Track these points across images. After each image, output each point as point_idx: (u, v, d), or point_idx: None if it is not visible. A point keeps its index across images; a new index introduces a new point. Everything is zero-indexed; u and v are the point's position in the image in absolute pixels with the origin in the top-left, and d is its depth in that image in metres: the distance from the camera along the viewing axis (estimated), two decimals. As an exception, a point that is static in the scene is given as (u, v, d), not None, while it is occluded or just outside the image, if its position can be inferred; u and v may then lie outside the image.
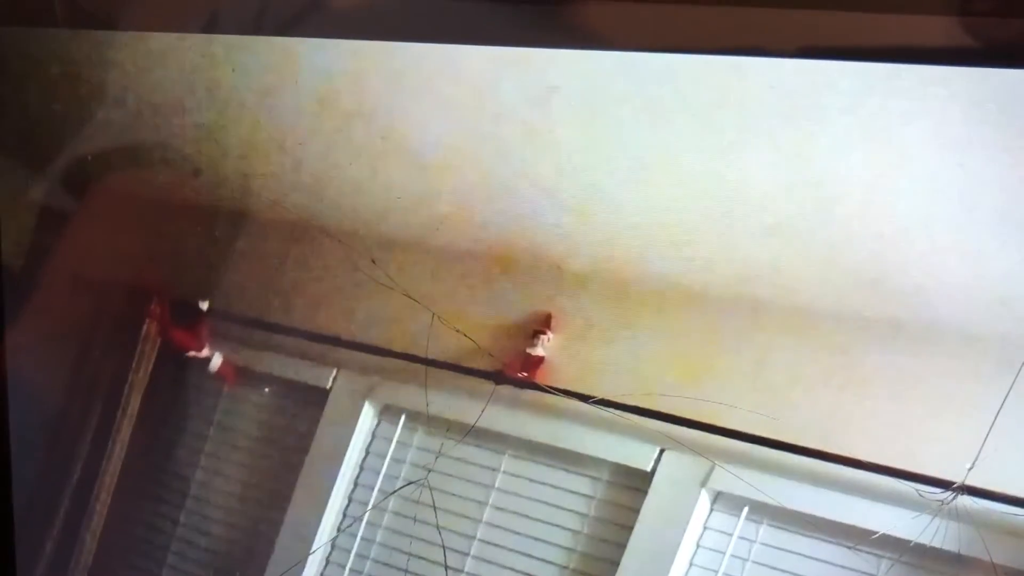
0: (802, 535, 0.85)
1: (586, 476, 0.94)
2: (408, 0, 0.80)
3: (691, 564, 0.89)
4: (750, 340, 0.87)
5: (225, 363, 1.11)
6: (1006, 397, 0.74)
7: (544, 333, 0.94)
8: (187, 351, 1.11)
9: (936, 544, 0.77)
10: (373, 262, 0.99)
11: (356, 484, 1.05)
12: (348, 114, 0.98)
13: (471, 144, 0.93)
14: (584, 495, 0.94)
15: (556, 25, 0.78)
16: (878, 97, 0.74)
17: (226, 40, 0.99)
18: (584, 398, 0.90)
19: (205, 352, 1.11)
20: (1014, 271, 0.75)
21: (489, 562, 0.97)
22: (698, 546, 0.89)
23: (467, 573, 0.98)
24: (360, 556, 1.04)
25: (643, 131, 0.84)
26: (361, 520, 1.04)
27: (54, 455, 1.15)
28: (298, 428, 1.08)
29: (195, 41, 1.00)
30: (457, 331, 0.95)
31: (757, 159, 0.81)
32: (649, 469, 0.90)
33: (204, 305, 1.10)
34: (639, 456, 0.91)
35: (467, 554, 0.98)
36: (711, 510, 0.89)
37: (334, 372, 1.06)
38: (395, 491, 1.02)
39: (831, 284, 0.83)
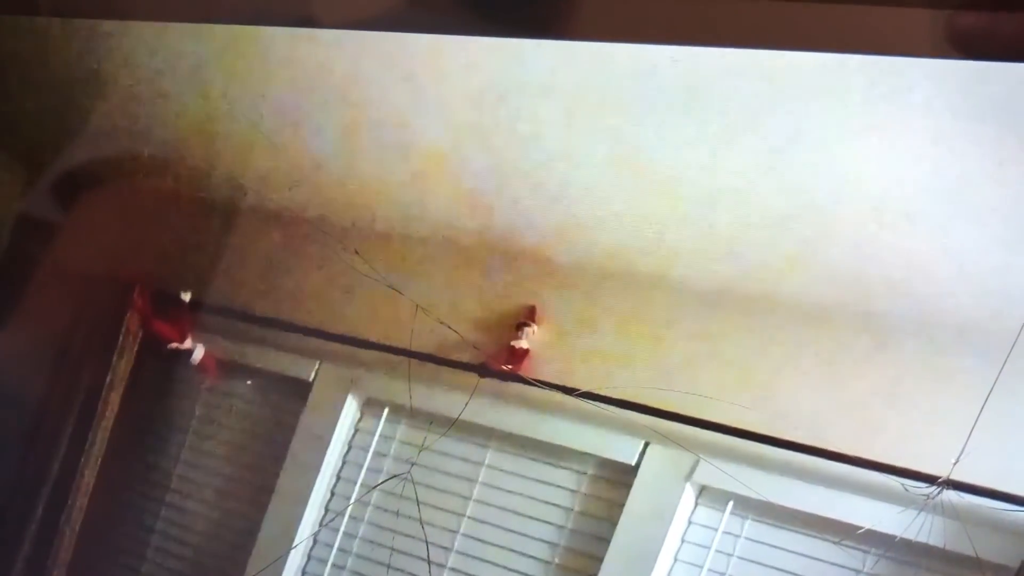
0: (787, 530, 0.85)
1: (570, 470, 0.94)
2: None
3: (676, 559, 0.88)
4: (736, 334, 0.87)
5: (207, 355, 1.10)
6: (990, 391, 0.74)
7: (528, 325, 0.94)
8: (169, 342, 1.10)
9: (922, 539, 0.77)
10: (356, 253, 0.98)
11: (338, 478, 1.04)
12: (334, 106, 0.98)
13: (456, 137, 0.93)
14: (568, 489, 0.94)
15: (543, 16, 0.77)
16: (864, 92, 0.73)
17: (215, 31, 0.98)
18: (569, 391, 0.90)
19: (187, 344, 1.10)
20: (999, 266, 0.75)
21: (472, 557, 0.96)
22: (683, 541, 0.89)
23: (450, 568, 0.97)
24: (342, 551, 1.03)
25: (628, 124, 0.84)
26: (343, 514, 1.03)
27: (33, 449, 1.14)
28: (280, 421, 1.07)
29: (183, 33, 1.00)
30: (441, 323, 0.94)
31: (742, 154, 0.80)
32: (634, 463, 0.90)
33: (186, 296, 1.10)
34: (624, 450, 0.90)
35: (450, 549, 0.97)
36: (696, 504, 0.88)
37: (316, 364, 1.06)
38: (377, 485, 1.01)
39: (817, 279, 0.83)
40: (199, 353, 1.10)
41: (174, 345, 1.10)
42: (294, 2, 0.87)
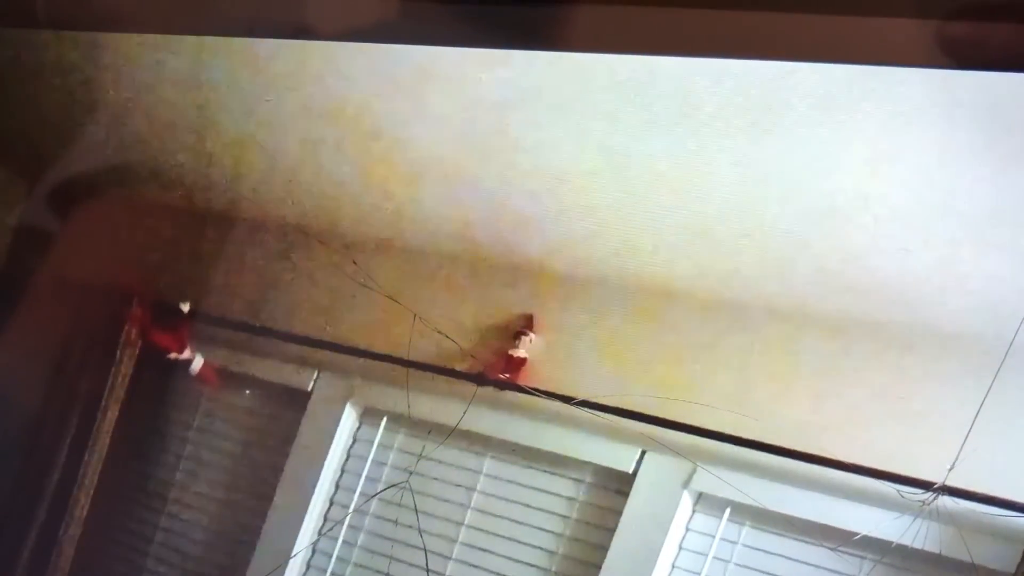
0: (784, 537, 0.85)
1: (568, 478, 0.94)
2: (397, 4, 0.80)
3: (673, 567, 0.89)
4: (732, 342, 0.87)
5: (206, 365, 1.10)
6: (985, 398, 0.74)
7: (526, 334, 0.94)
8: (168, 353, 1.10)
9: (917, 545, 0.77)
10: (355, 264, 0.98)
11: (337, 487, 1.05)
12: (331, 117, 0.98)
13: (453, 147, 0.93)
14: (566, 497, 0.94)
15: (539, 28, 0.78)
16: (855, 101, 0.74)
17: (212, 44, 0.99)
18: (566, 400, 0.90)
19: (186, 354, 1.10)
20: (992, 273, 0.76)
21: (471, 565, 0.96)
22: (680, 548, 0.89)
23: (448, 576, 0.97)
24: (341, 560, 1.03)
25: (622, 136, 0.84)
26: (342, 523, 1.03)
27: (32, 459, 1.13)
28: (279, 431, 1.07)
29: (179, 46, 1.00)
30: (439, 332, 0.94)
31: (736, 163, 0.81)
32: (631, 471, 0.90)
33: (185, 307, 1.10)
34: (621, 458, 0.90)
35: (449, 557, 0.97)
36: (693, 512, 0.89)
37: (315, 374, 1.06)
38: (376, 494, 1.01)
39: (813, 288, 0.83)
40: (198, 363, 1.10)
41: (173, 355, 1.10)
42: (289, 14, 0.87)
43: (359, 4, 0.83)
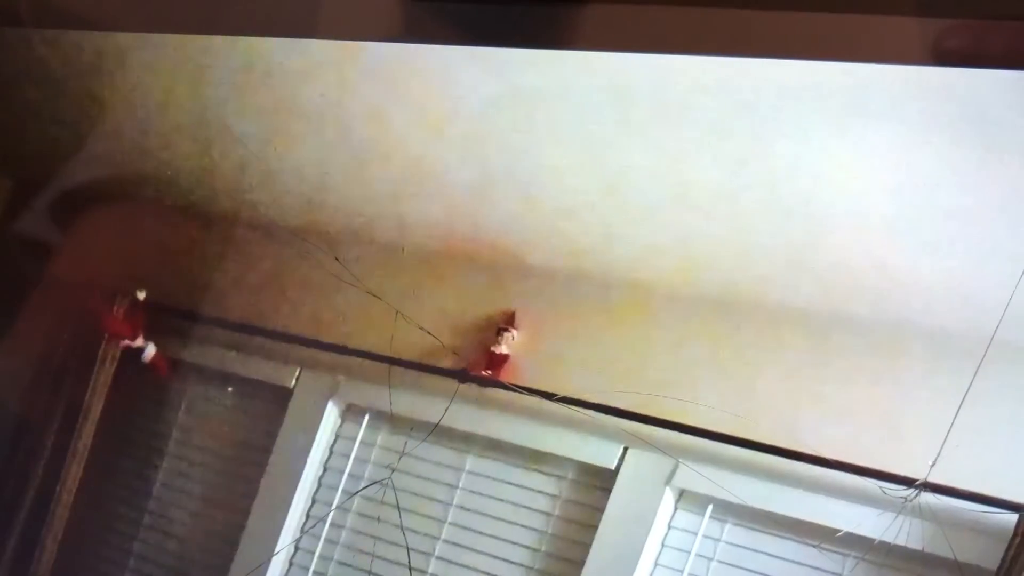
0: (767, 534, 0.85)
1: (550, 475, 0.94)
2: (401, 2, 0.80)
3: (656, 564, 0.88)
4: (715, 339, 0.87)
5: (158, 354, 1.10)
6: (966, 393, 0.74)
7: (508, 330, 0.94)
8: (121, 339, 1.10)
9: (900, 542, 0.77)
10: (336, 259, 0.98)
11: (320, 484, 1.04)
12: (313, 113, 0.98)
13: (436, 143, 0.93)
14: (549, 494, 0.94)
15: (527, 26, 0.78)
16: (841, 98, 0.74)
17: (194, 40, 0.99)
18: (548, 396, 0.90)
19: (139, 342, 1.10)
20: (974, 268, 0.76)
21: (453, 563, 0.96)
22: (663, 545, 0.89)
23: (431, 574, 0.97)
24: (323, 558, 1.02)
25: (607, 132, 0.84)
26: (324, 521, 1.03)
27: (15, 458, 1.13)
28: (261, 428, 1.07)
29: (167, 42, 1.00)
30: (421, 329, 0.94)
31: (722, 161, 0.81)
32: (613, 467, 0.90)
33: (141, 295, 1.09)
34: (603, 454, 0.90)
35: (431, 555, 0.97)
36: (675, 509, 0.89)
37: (297, 371, 1.06)
38: (359, 491, 1.01)
39: (795, 284, 0.84)
40: (150, 351, 1.10)
41: (125, 343, 1.10)
42: (284, 13, 0.87)
43: (360, 2, 0.83)
